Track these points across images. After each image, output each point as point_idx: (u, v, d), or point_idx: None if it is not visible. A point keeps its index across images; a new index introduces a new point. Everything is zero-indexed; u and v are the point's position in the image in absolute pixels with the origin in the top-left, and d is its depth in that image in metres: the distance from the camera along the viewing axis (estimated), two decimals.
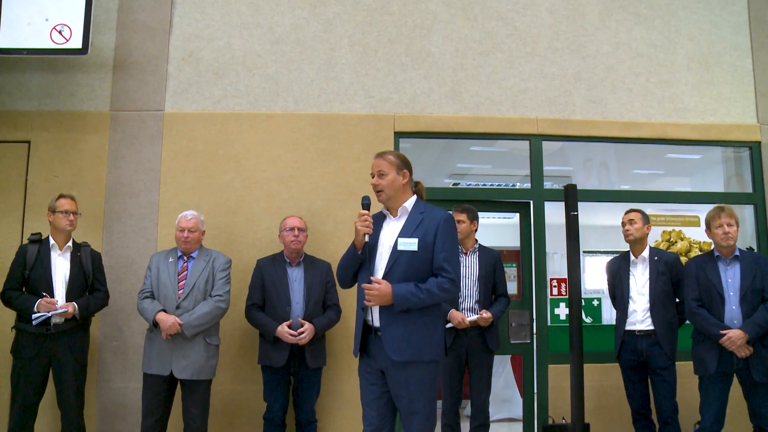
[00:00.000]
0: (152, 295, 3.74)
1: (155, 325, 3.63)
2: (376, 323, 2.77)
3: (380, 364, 2.77)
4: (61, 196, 3.74)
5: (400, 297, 2.69)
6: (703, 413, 3.71)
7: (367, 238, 2.81)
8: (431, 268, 2.79)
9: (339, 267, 2.94)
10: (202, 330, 3.68)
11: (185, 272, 3.79)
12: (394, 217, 2.90)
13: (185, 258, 3.83)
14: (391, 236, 2.84)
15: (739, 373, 3.65)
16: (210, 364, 3.74)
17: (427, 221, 2.81)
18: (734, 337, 3.54)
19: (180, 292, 3.72)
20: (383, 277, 2.77)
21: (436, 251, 2.77)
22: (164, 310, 3.65)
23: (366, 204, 2.83)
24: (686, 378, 3.90)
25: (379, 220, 2.93)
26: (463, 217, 4.09)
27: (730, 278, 3.69)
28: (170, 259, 3.82)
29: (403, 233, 2.80)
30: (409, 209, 2.87)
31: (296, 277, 3.95)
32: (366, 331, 2.83)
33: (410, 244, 2.77)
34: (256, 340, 4.01)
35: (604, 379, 4.39)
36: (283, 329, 3.76)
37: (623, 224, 4.09)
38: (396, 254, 2.77)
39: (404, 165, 2.89)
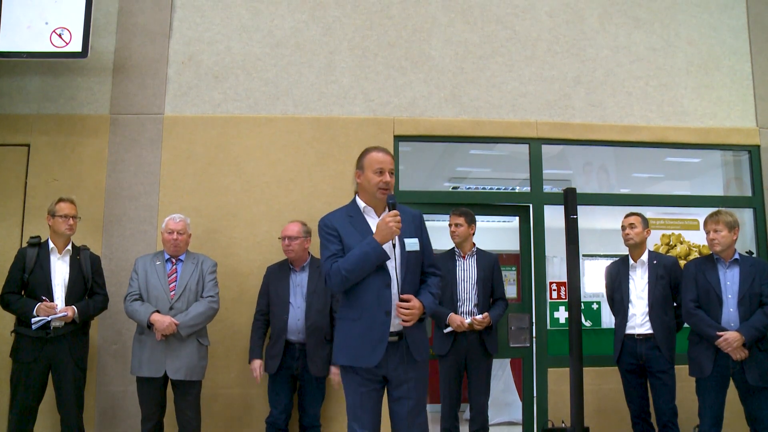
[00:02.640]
0: (140, 298, 3.75)
1: (149, 326, 3.63)
2: (396, 329, 2.70)
3: (385, 370, 2.70)
4: (60, 200, 3.74)
5: (429, 309, 2.73)
6: (701, 417, 3.71)
7: (396, 240, 2.70)
8: (422, 265, 2.83)
9: (351, 271, 2.63)
10: (196, 330, 3.71)
11: (174, 274, 3.80)
12: (378, 216, 2.80)
13: (173, 261, 3.84)
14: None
15: (734, 377, 3.64)
16: (201, 365, 3.77)
17: (408, 217, 2.79)
18: (730, 338, 3.53)
19: (172, 293, 3.73)
20: (402, 282, 2.69)
21: (424, 249, 2.82)
22: (158, 311, 3.66)
23: (393, 203, 2.69)
24: (685, 381, 3.89)
25: (363, 221, 2.80)
26: (461, 220, 4.09)
27: (729, 281, 3.69)
28: (157, 262, 3.82)
29: (403, 233, 2.73)
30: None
31: (299, 282, 3.93)
32: None
33: (414, 244, 2.76)
34: None
35: (604, 383, 4.39)
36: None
37: (623, 228, 4.08)
38: (406, 255, 2.73)
39: None
